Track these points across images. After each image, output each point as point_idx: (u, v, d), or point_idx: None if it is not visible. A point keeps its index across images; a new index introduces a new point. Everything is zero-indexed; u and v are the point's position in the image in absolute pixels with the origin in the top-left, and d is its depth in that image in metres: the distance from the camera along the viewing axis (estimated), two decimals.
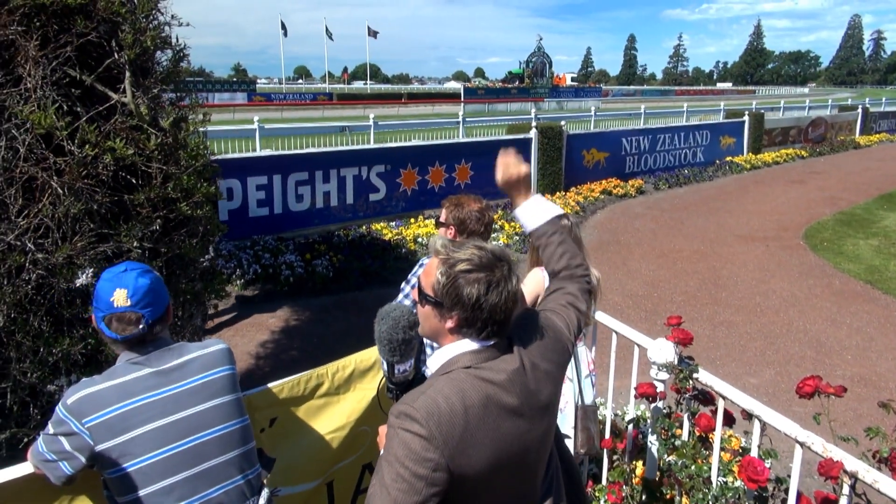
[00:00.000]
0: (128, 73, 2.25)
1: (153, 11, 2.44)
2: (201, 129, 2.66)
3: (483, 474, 1.30)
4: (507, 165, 1.76)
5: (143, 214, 2.29)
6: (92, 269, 2.11)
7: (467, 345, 1.37)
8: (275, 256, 7.03)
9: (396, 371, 2.09)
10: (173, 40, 2.62)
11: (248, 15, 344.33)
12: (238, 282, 6.65)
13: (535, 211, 1.75)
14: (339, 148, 9.55)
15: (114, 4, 2.18)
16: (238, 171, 7.45)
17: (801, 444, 1.91)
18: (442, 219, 2.48)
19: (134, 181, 2.30)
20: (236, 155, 8.24)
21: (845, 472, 1.76)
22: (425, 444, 1.22)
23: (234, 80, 57.65)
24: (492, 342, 1.37)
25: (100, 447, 1.57)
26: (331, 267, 6.97)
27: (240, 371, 4.81)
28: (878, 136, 22.43)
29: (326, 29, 56.11)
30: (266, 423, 2.18)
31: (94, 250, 2.16)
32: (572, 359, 2.44)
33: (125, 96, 2.24)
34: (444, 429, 1.24)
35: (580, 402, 2.73)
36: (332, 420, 2.38)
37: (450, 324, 1.36)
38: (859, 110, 22.27)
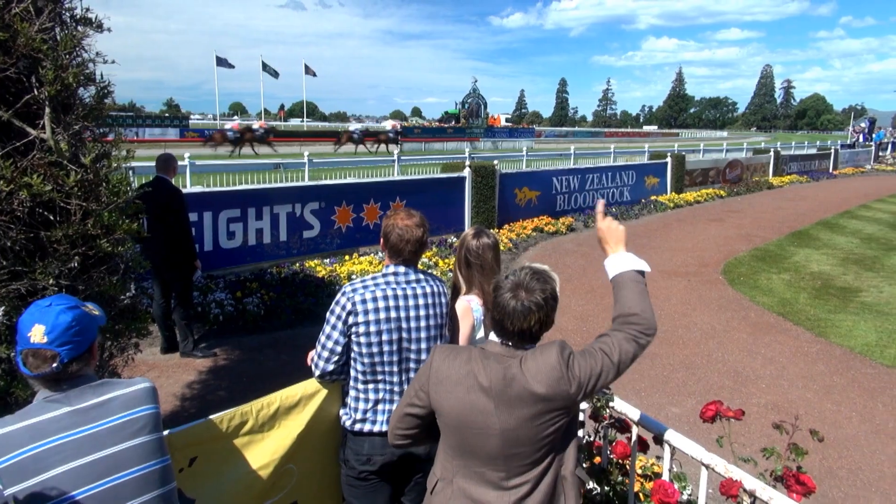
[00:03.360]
0: (47, 110, 2.23)
1: (76, 48, 2.43)
2: (125, 164, 2.63)
3: (449, 417, 1.81)
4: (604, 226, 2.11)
5: (61, 251, 2.25)
6: (3, 308, 2.05)
7: (493, 338, 1.87)
8: (204, 294, 6.87)
9: None
10: (98, 76, 2.61)
11: (183, 50, 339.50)
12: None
13: (618, 263, 2.01)
14: (273, 185, 9.49)
15: (34, 41, 2.17)
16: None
17: (706, 466, 2.02)
18: None
19: (52, 217, 2.26)
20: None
21: (744, 490, 1.89)
22: (427, 370, 1.90)
23: (167, 115, 56.36)
24: (506, 342, 1.83)
25: (10, 490, 1.51)
26: (262, 305, 6.87)
27: (165, 413, 4.68)
28: (788, 177, 23.99)
29: (265, 65, 55.84)
30: (185, 463, 2.14)
31: (7, 288, 2.10)
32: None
33: (44, 132, 2.22)
34: (438, 367, 1.86)
35: None
36: (256, 458, 2.35)
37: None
38: (771, 153, 23.82)
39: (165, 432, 1.96)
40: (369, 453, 2.41)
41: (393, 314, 2.36)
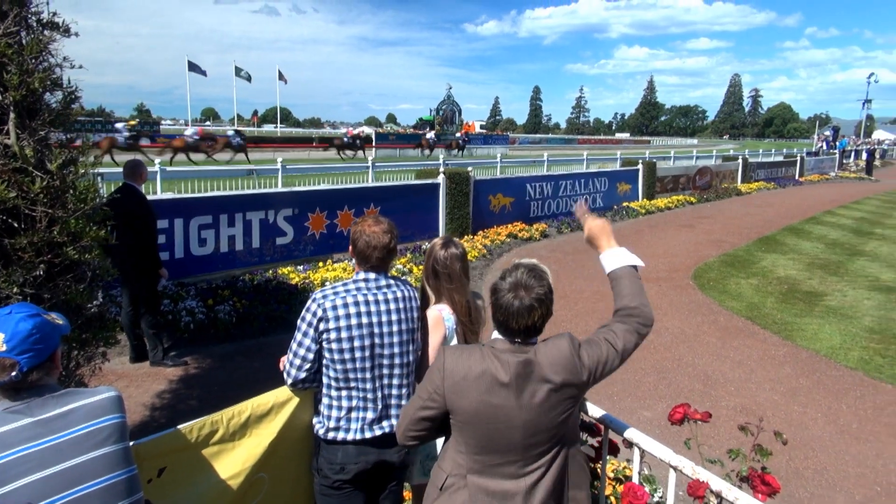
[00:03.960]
0: (12, 115, 2.20)
1: (42, 53, 2.40)
2: (92, 171, 2.60)
3: (468, 415, 1.86)
4: (587, 223, 2.24)
5: (26, 259, 2.21)
6: None
7: (497, 335, 1.96)
8: (175, 302, 6.78)
9: None
10: (65, 81, 2.57)
11: (155, 54, 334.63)
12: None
13: (614, 259, 2.15)
14: (246, 191, 9.41)
15: None
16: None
17: (674, 468, 2.06)
18: None
19: (16, 225, 2.22)
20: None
21: (711, 491, 1.92)
22: (439, 373, 1.92)
23: (137, 120, 55.47)
24: (513, 339, 1.91)
25: None
26: (234, 312, 6.79)
27: (134, 423, 4.61)
28: (756, 184, 24.48)
29: (238, 70, 55.35)
30: (154, 474, 2.11)
31: None
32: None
33: (8, 138, 2.18)
34: (452, 368, 1.90)
35: None
36: (226, 467, 2.32)
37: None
38: (740, 161, 24.30)
39: (133, 443, 1.93)
40: (343, 462, 2.40)
41: (364, 320, 2.37)
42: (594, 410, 2.43)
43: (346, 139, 32.32)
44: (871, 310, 8.15)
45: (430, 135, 37.64)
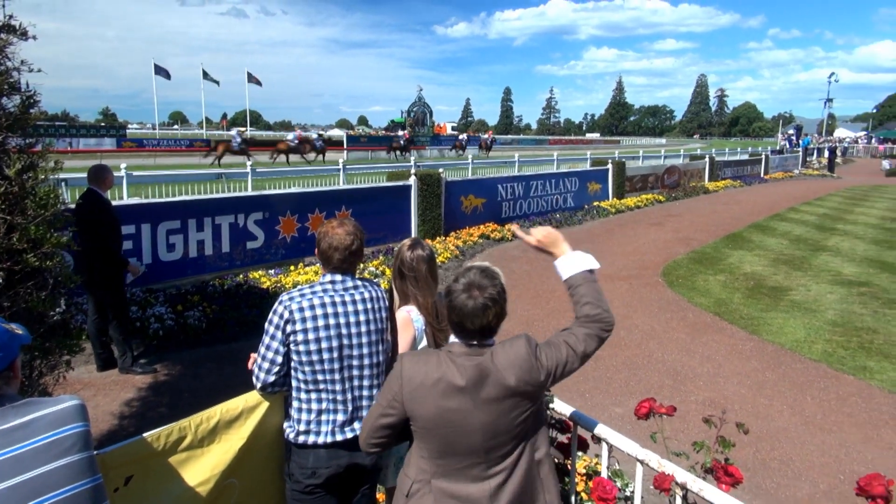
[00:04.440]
0: None
1: None
2: (53, 176, 2.55)
3: (427, 421, 1.86)
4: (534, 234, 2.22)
5: None
6: None
7: (454, 339, 1.95)
8: (142, 309, 6.67)
9: None
10: (23, 85, 2.52)
11: (120, 57, 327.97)
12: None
13: (569, 264, 2.12)
14: (214, 195, 9.32)
15: None
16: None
17: (641, 462, 2.10)
18: None
19: None
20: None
21: (676, 483, 1.96)
22: (398, 380, 1.92)
23: (102, 124, 54.45)
24: (469, 341, 1.91)
25: None
26: (204, 318, 6.71)
27: (101, 432, 4.53)
28: (723, 182, 24.94)
29: (205, 73, 54.65)
30: (121, 482, 2.08)
31: None
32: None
33: None
34: (410, 375, 1.90)
35: None
36: (195, 474, 2.30)
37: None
38: (707, 159, 24.73)
39: (98, 451, 1.90)
40: (314, 466, 2.39)
41: (332, 321, 2.36)
42: (563, 407, 2.46)
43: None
44: (834, 303, 8.36)
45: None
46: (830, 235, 14.06)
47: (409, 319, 2.69)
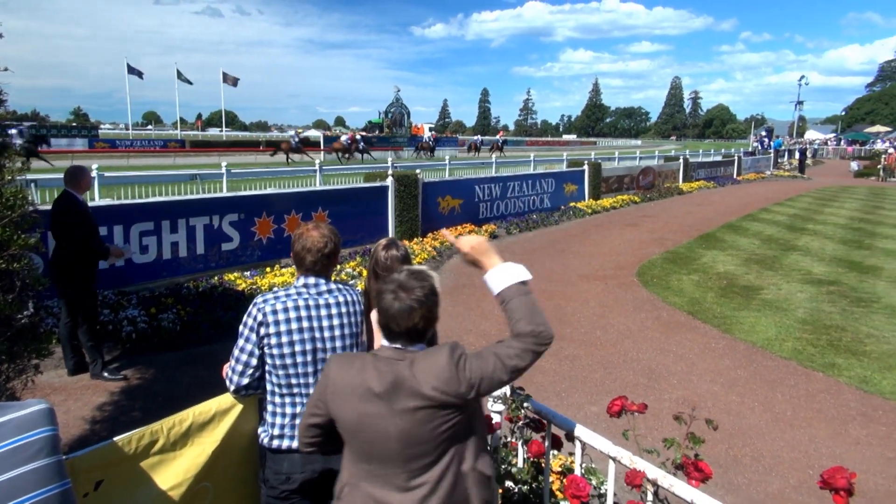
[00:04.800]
0: None
1: None
2: (20, 177, 2.50)
3: (348, 424, 1.85)
4: (461, 243, 2.08)
5: None
6: None
7: (384, 342, 1.90)
8: (115, 312, 6.57)
9: None
10: None
11: (92, 56, 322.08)
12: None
13: (499, 278, 1.96)
14: (189, 196, 9.21)
15: None
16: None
17: (613, 459, 2.12)
18: None
19: None
20: None
21: (647, 479, 1.99)
22: (325, 381, 1.92)
23: (74, 124, 53.44)
24: (395, 344, 1.86)
25: None
26: (178, 320, 6.63)
27: (73, 437, 4.45)
28: (697, 183, 25.29)
29: (179, 73, 54.00)
30: (90, 487, 2.05)
31: None
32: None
33: None
34: (334, 378, 1.89)
35: None
36: (168, 478, 2.28)
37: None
38: (681, 161, 25.07)
39: (68, 456, 1.87)
40: (289, 472, 2.38)
41: (305, 324, 2.36)
42: (537, 406, 2.48)
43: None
44: (804, 302, 8.52)
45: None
46: (801, 235, 14.34)
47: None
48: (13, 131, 30.13)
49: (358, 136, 36.75)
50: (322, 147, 37.24)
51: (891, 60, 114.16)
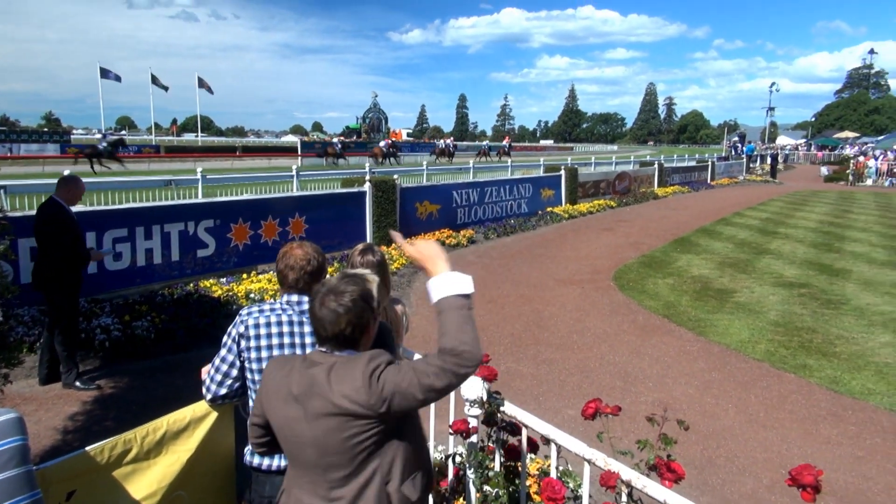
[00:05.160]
0: None
1: None
2: None
3: (276, 427, 1.85)
4: (413, 250, 1.97)
5: None
6: None
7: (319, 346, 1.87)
8: (87, 320, 6.46)
9: None
10: None
11: (65, 61, 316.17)
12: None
13: (440, 287, 1.83)
14: (164, 203, 9.09)
15: None
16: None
17: (588, 461, 2.15)
18: None
19: None
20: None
21: (622, 481, 2.01)
22: (262, 382, 1.91)
23: (45, 129, 52.48)
24: (322, 348, 1.85)
25: None
26: (153, 328, 6.54)
27: (44, 448, 4.38)
28: (672, 188, 25.62)
29: (154, 78, 53.38)
30: (62, 498, 2.02)
31: None
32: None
33: None
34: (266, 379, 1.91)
35: None
36: (142, 487, 2.25)
37: None
38: (656, 166, 25.38)
39: (38, 466, 1.85)
40: (270, 495, 2.34)
41: (287, 340, 2.36)
42: (513, 410, 2.50)
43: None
44: (776, 304, 8.68)
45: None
46: (773, 239, 14.60)
47: None
48: (98, 136, 35.11)
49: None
50: (300, 153, 37.18)
51: (858, 68, 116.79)
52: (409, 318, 2.96)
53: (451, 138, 47.41)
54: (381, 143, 38.36)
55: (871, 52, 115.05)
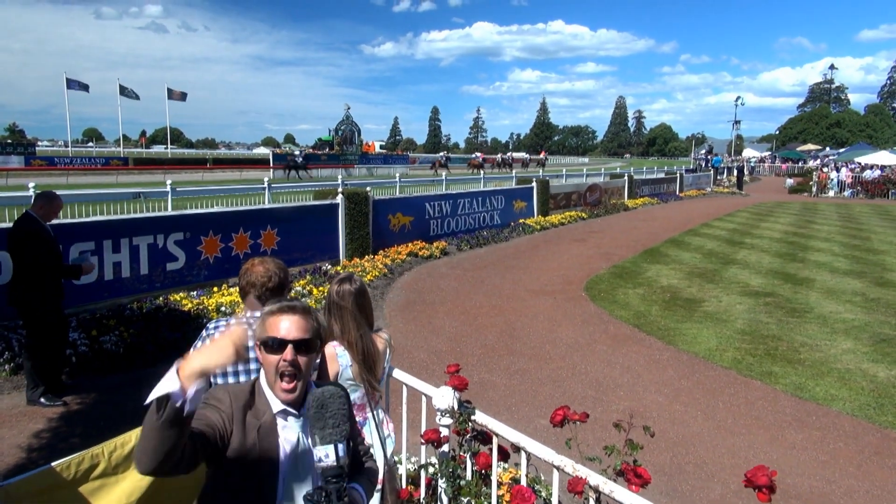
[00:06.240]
0: None
1: None
2: None
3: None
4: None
5: None
6: None
7: None
8: None
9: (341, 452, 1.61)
10: None
11: (29, 71, 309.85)
12: (7, 366, 5.90)
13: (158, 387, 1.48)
14: (132, 215, 8.97)
15: None
16: (3, 241, 6.68)
17: (557, 468, 2.19)
18: None
19: None
20: (2, 224, 7.37)
21: (589, 486, 2.06)
22: None
23: (9, 141, 51.30)
24: None
25: None
26: (121, 343, 6.44)
27: (7, 466, 4.29)
28: (641, 199, 26.03)
29: (123, 88, 52.64)
30: None
31: None
32: (373, 423, 2.65)
33: None
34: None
35: (385, 465, 2.80)
36: (109, 503, 2.23)
37: None
38: (626, 178, 25.77)
39: (2, 483, 1.82)
40: None
41: (252, 354, 2.36)
42: (484, 419, 2.53)
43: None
44: (743, 313, 8.87)
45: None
46: (739, 249, 14.90)
47: (334, 355, 2.67)
48: (296, 151, 43.59)
49: (441, 155, 44.35)
50: (272, 165, 37.00)
51: (820, 83, 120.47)
52: (391, 346, 2.94)
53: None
54: (475, 155, 44.97)
55: (832, 67, 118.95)
